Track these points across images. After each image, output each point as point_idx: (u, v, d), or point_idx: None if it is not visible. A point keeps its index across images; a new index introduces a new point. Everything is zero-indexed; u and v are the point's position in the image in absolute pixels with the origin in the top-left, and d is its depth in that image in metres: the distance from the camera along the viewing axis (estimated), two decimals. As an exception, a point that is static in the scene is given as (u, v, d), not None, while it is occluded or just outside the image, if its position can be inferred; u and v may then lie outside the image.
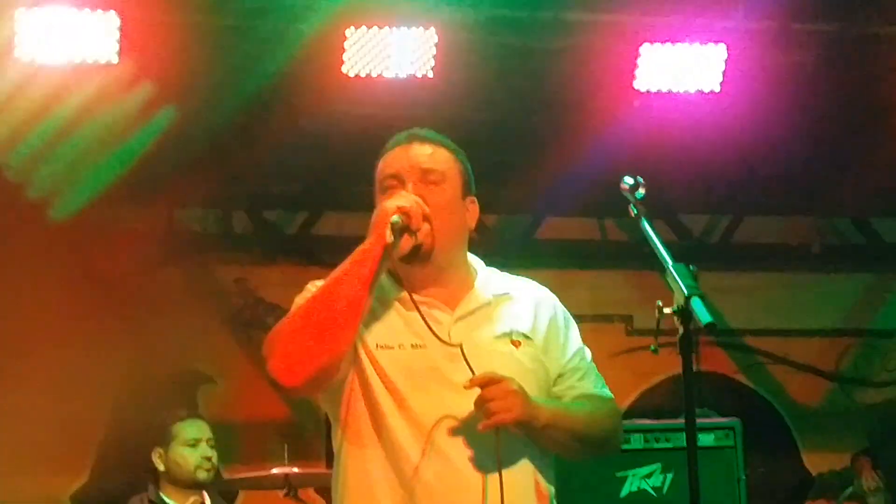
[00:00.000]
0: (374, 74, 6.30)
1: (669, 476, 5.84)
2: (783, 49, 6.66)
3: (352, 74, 6.29)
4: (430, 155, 3.20)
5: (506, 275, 3.32)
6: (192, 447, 5.66)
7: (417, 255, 3.10)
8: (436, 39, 6.28)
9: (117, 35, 5.96)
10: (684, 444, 2.88)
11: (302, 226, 7.89)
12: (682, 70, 6.57)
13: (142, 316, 7.69)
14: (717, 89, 6.62)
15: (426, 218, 3.09)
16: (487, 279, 3.26)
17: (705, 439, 5.84)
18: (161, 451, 5.72)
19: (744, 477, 5.94)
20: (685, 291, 2.78)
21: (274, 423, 7.61)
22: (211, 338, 7.81)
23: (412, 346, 3.09)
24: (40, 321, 7.37)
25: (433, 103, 6.39)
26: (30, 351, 7.38)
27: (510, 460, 3.04)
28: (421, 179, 3.15)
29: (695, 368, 2.82)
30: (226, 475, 6.41)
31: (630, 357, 7.90)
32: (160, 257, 7.74)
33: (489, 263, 3.34)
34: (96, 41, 5.95)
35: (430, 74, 6.34)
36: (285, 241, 7.86)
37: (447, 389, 3.04)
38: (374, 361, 3.09)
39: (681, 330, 2.80)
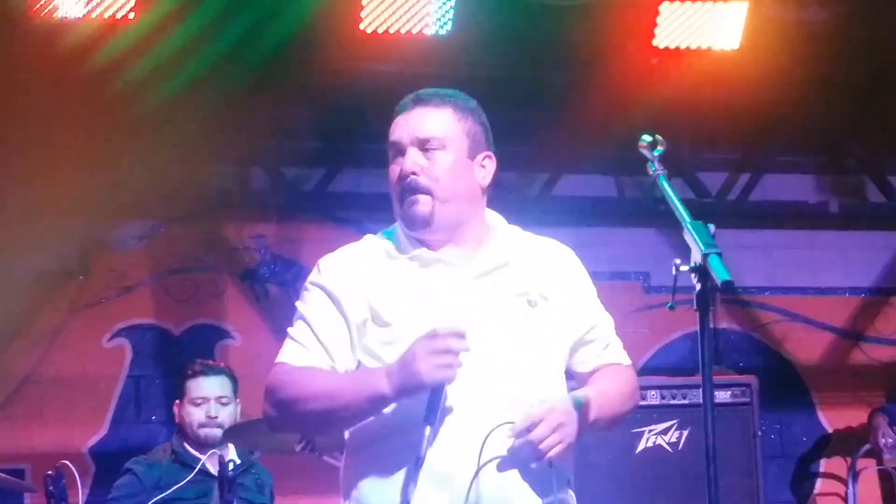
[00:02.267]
0: (392, 31, 6.29)
1: (685, 432, 5.87)
2: (803, 6, 6.63)
3: (370, 31, 6.28)
4: (431, 121, 3.21)
5: (528, 234, 3.32)
6: (197, 406, 5.71)
7: (415, 223, 3.16)
8: (454, -5, 6.27)
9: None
10: (700, 400, 2.89)
11: (320, 182, 7.89)
12: (702, 27, 6.54)
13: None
14: (737, 47, 6.59)
15: (424, 190, 3.14)
16: (507, 238, 3.26)
17: (721, 396, 5.86)
18: (179, 403, 5.79)
19: (760, 433, 5.97)
20: (702, 249, 2.79)
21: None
22: (228, 294, 7.84)
23: (423, 311, 3.09)
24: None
25: (451, 60, 6.38)
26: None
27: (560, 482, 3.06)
28: (420, 147, 3.18)
29: (711, 326, 2.83)
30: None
31: (647, 314, 7.91)
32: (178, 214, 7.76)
33: (508, 221, 3.34)
34: None
35: (448, 31, 6.32)
36: (303, 197, 7.85)
37: (468, 351, 3.01)
38: (394, 319, 3.10)
39: (698, 287, 2.80)
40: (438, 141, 3.18)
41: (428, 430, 2.92)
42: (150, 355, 7.65)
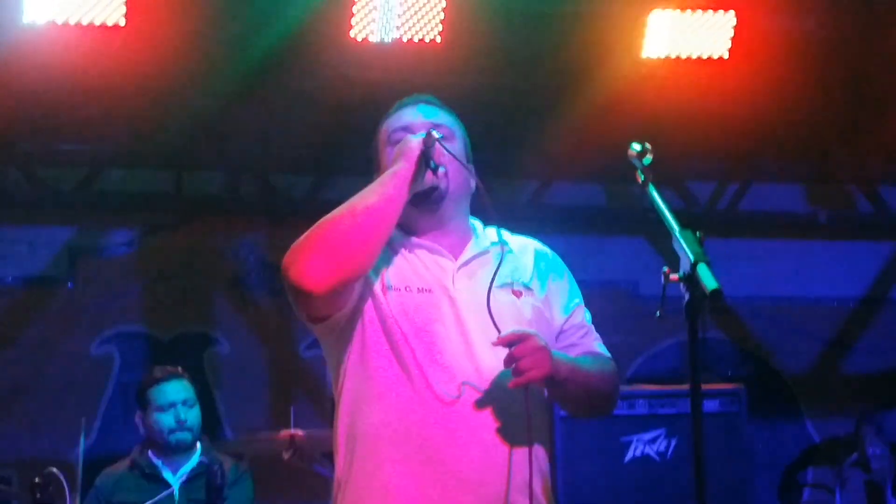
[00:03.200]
0: (382, 39, 6.28)
1: (674, 441, 5.86)
2: (792, 16, 6.64)
3: (360, 39, 6.28)
4: (438, 113, 3.32)
5: (505, 231, 3.37)
6: (164, 412, 5.70)
7: (430, 196, 3.18)
8: (444, 4, 6.26)
9: (125, -3, 5.96)
10: (689, 409, 2.89)
11: (309, 190, 7.89)
12: (691, 36, 6.55)
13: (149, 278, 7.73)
14: (726, 56, 6.60)
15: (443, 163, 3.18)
16: (487, 233, 3.33)
17: (710, 405, 5.85)
18: (141, 414, 5.77)
19: (748, 443, 5.97)
20: (692, 258, 2.79)
21: (280, 386, 7.64)
22: (217, 301, 7.83)
23: (418, 289, 3.14)
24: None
25: (441, 68, 6.38)
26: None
27: (534, 421, 3.08)
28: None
29: (700, 335, 2.83)
30: (231, 437, 6.43)
31: (636, 323, 7.91)
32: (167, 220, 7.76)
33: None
34: (104, 3, 5.94)
35: (438, 39, 6.32)
36: (292, 204, 7.85)
37: (453, 338, 3.09)
38: (384, 300, 3.13)
39: (687, 296, 2.80)
40: (449, 130, 3.26)
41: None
42: (138, 362, 7.63)
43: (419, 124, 3.25)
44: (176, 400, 5.72)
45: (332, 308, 3.13)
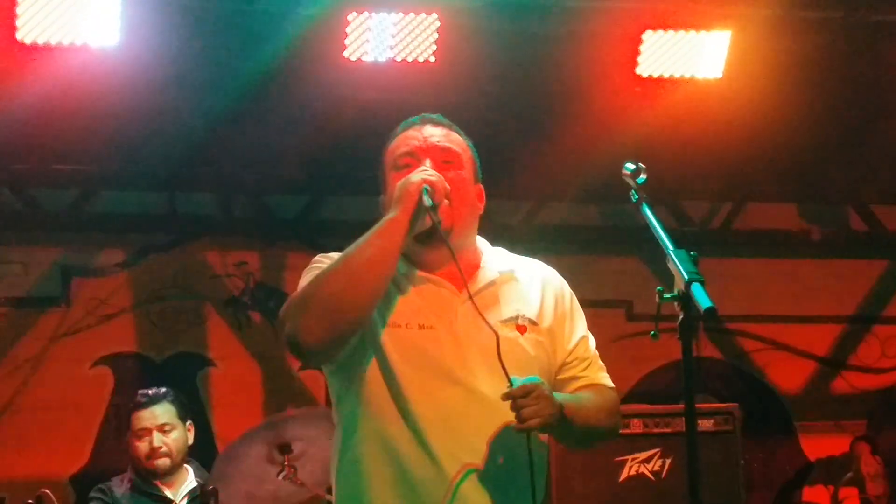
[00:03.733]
0: (375, 59, 6.29)
1: (668, 461, 5.85)
2: (785, 35, 6.65)
3: (353, 59, 6.29)
4: (446, 136, 3.21)
5: (512, 255, 3.32)
6: (140, 438, 5.68)
7: (435, 233, 3.07)
8: (438, 24, 6.27)
9: (118, 19, 5.96)
10: (683, 428, 2.88)
11: (303, 210, 7.89)
12: (685, 56, 6.57)
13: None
14: (720, 76, 6.61)
15: (447, 195, 3.09)
16: (493, 259, 3.25)
17: (704, 424, 5.84)
18: (129, 439, 5.77)
19: (742, 462, 5.96)
20: (685, 277, 2.79)
21: (274, 406, 7.63)
22: (211, 322, 7.82)
23: (419, 326, 3.08)
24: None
25: (435, 88, 6.39)
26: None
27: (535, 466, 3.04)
28: (438, 158, 3.15)
29: (694, 354, 2.82)
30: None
31: (630, 342, 7.91)
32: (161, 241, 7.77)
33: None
34: (97, 23, 5.95)
35: (432, 59, 6.33)
36: (286, 225, 7.86)
37: (452, 377, 3.04)
38: (385, 338, 3.07)
39: (681, 315, 2.80)
40: (457, 156, 3.19)
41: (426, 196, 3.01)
42: (132, 383, 7.60)
43: (425, 148, 3.16)
44: (151, 426, 5.68)
45: (330, 359, 3.11)
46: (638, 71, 6.56)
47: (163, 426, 5.68)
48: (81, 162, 7.41)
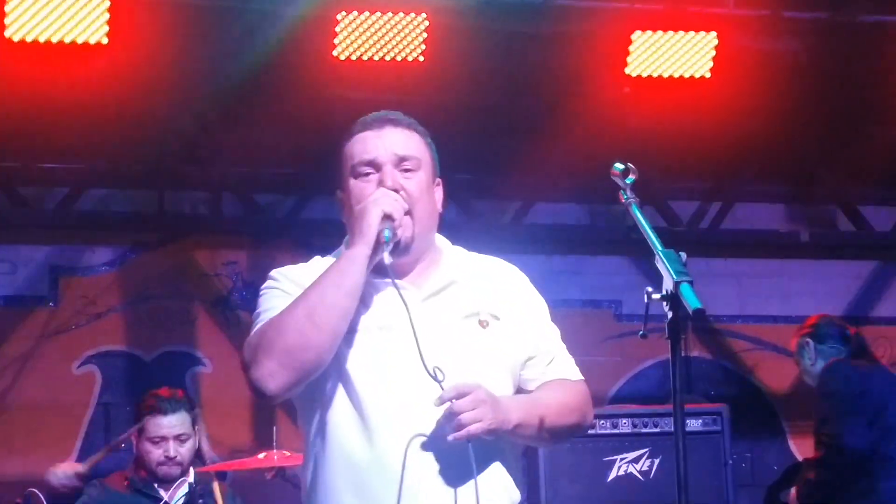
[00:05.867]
0: (365, 58, 6.29)
1: (657, 461, 5.87)
2: (773, 37, 6.67)
3: (343, 58, 6.29)
4: (405, 140, 3.17)
5: (473, 254, 3.30)
6: (155, 444, 5.68)
7: (396, 249, 3.06)
8: (427, 24, 6.28)
9: (106, 16, 5.95)
10: (672, 428, 2.89)
11: (292, 209, 7.88)
12: (673, 56, 6.58)
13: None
14: (708, 76, 6.62)
15: (407, 211, 3.07)
16: (454, 258, 3.23)
17: (693, 424, 5.87)
18: (136, 435, 5.76)
19: (731, 462, 5.98)
20: (674, 277, 2.79)
21: (263, 406, 7.62)
22: (200, 321, 7.81)
23: (378, 328, 3.06)
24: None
25: (424, 88, 6.39)
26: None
27: (483, 467, 3.00)
28: (397, 165, 3.12)
29: (683, 354, 2.83)
30: (216, 455, 6.41)
31: (619, 342, 7.92)
32: (149, 239, 7.76)
33: (477, 248, 3.34)
34: (86, 22, 5.94)
35: (421, 59, 6.33)
36: (275, 224, 7.85)
37: (410, 376, 2.99)
38: (342, 345, 3.02)
39: (669, 315, 2.81)
40: (416, 161, 3.14)
41: (387, 232, 3.00)
42: (121, 382, 7.61)
43: (384, 155, 3.11)
44: (168, 435, 5.69)
45: (295, 393, 3.08)
46: (627, 70, 6.58)
47: (179, 436, 5.70)
48: (69, 160, 7.39)
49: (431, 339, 3.00)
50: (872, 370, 6.27)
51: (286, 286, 3.15)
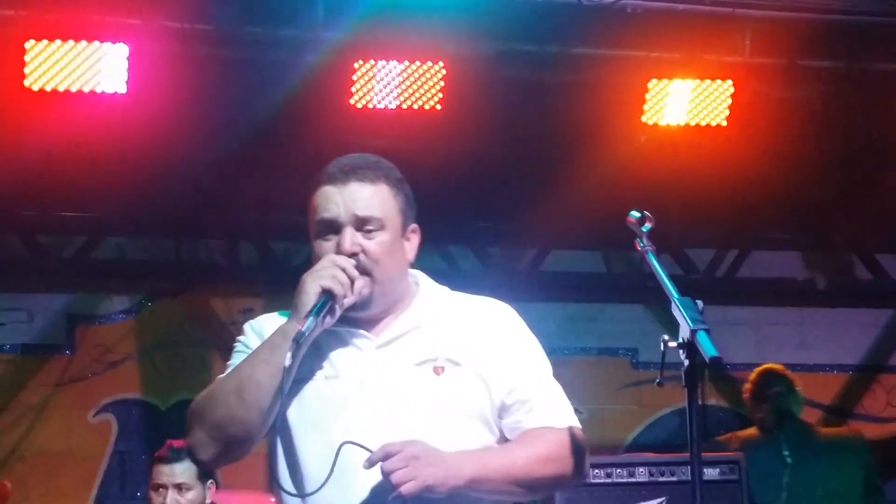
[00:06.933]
0: (381, 107, 6.32)
1: (674, 510, 5.83)
2: (789, 85, 6.69)
3: (360, 107, 6.32)
4: (368, 199, 3.03)
5: (456, 294, 3.17)
6: (156, 491, 5.68)
7: (352, 308, 2.98)
8: (444, 73, 6.30)
9: (125, 65, 5.99)
10: (689, 477, 2.87)
11: (308, 257, 7.87)
12: (690, 104, 6.60)
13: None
14: (724, 124, 6.64)
15: (361, 269, 2.97)
16: (425, 303, 3.10)
17: (710, 473, 5.83)
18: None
19: (748, 511, 5.94)
20: (690, 325, 2.78)
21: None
22: (216, 369, 7.80)
23: (325, 377, 2.99)
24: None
25: (441, 136, 6.41)
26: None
27: None
28: (359, 227, 3.01)
29: (700, 402, 2.82)
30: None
31: (635, 390, 7.89)
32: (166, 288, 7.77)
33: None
34: (105, 72, 5.98)
35: (438, 108, 6.35)
36: (291, 272, 7.83)
37: (356, 422, 2.91)
38: (289, 395, 2.96)
39: (686, 363, 2.80)
40: (378, 221, 3.01)
41: (309, 321, 2.90)
42: (136, 431, 7.61)
43: (344, 216, 3.01)
44: (168, 483, 5.68)
45: (232, 462, 3.08)
46: (644, 118, 6.59)
47: (180, 485, 5.68)
48: (87, 208, 7.43)
49: (380, 388, 2.94)
50: None
51: (251, 341, 3.11)
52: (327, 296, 2.94)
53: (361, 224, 3.02)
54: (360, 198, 3.03)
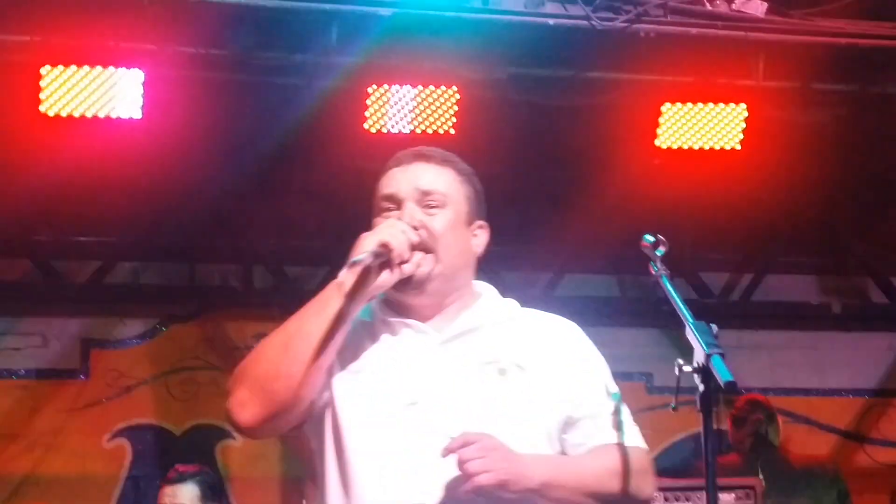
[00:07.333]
0: (395, 131, 6.33)
1: (690, 535, 5.81)
2: (803, 108, 6.67)
3: (374, 131, 6.32)
4: (434, 176, 3.01)
5: (528, 309, 3.13)
6: None
7: (409, 284, 2.89)
8: (457, 97, 6.31)
9: (140, 90, 6.01)
10: (705, 503, 2.86)
11: (323, 281, 7.87)
12: (703, 128, 6.59)
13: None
14: (738, 148, 6.63)
15: (422, 246, 2.89)
16: (491, 305, 3.04)
17: (725, 499, 5.81)
18: None
19: (764, 536, 5.91)
20: (705, 349, 2.77)
21: (292, 478, 7.59)
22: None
23: (379, 372, 2.89)
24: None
25: (454, 160, 6.40)
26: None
27: None
28: (420, 201, 2.96)
29: (715, 427, 2.81)
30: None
31: (650, 415, 7.84)
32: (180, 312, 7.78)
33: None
34: (120, 97, 6.00)
35: (452, 132, 6.36)
36: (306, 296, 7.84)
37: (399, 425, 2.82)
38: (341, 387, 2.88)
39: (701, 388, 2.78)
40: (441, 196, 2.97)
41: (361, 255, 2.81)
42: (151, 455, 7.61)
43: (406, 190, 2.95)
44: None
45: (272, 434, 2.94)
46: (657, 142, 6.59)
47: None
48: (101, 233, 7.45)
49: (444, 385, 2.86)
50: None
51: None
52: (384, 248, 2.83)
53: (423, 198, 2.96)
54: (424, 174, 3.00)
